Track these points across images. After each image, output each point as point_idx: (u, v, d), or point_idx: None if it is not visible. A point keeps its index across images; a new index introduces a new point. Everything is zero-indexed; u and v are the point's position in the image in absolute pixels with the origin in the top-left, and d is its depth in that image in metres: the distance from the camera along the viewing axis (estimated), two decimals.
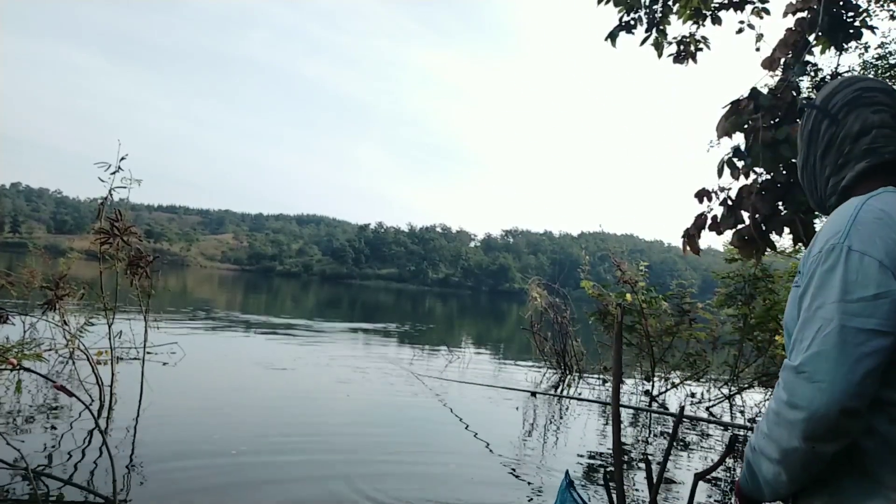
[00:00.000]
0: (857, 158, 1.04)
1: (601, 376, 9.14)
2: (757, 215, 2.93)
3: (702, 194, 3.07)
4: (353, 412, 5.55)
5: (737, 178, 3.04)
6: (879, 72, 8.98)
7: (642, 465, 4.33)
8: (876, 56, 8.98)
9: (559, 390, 8.04)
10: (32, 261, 7.17)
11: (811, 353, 0.84)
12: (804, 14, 3.13)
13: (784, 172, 2.97)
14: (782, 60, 3.14)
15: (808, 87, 5.87)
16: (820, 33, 3.07)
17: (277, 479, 3.41)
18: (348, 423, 5.07)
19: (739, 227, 2.93)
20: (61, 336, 5.76)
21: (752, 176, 3.04)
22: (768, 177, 3.00)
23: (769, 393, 7.40)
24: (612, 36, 4.50)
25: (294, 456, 3.94)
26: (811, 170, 1.14)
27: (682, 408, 2.09)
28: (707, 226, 3.04)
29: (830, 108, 1.11)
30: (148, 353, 5.26)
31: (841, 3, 3.10)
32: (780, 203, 2.98)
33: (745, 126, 2.92)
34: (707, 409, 7.34)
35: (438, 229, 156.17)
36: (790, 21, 3.20)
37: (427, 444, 4.73)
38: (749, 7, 4.29)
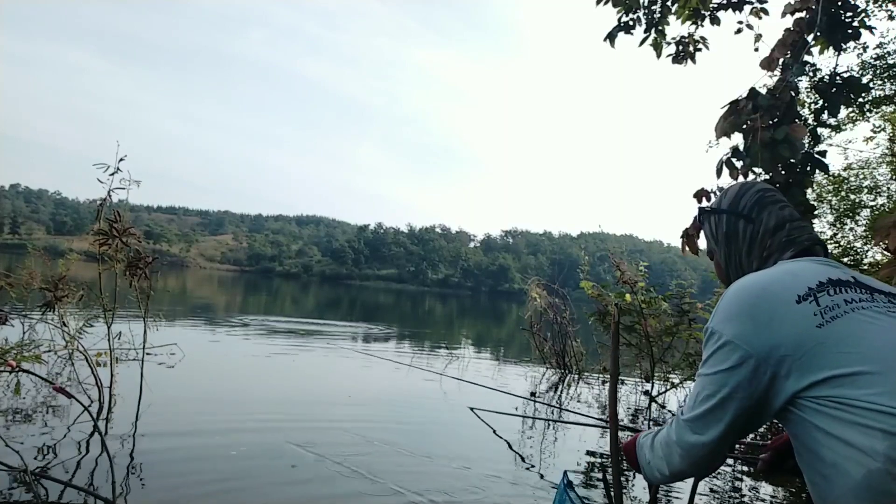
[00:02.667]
0: (780, 249, 1.19)
1: (601, 376, 9.14)
2: None
3: (701, 194, 3.07)
4: (355, 413, 5.54)
5: (735, 178, 3.04)
6: (878, 72, 8.98)
7: None
8: (874, 56, 8.99)
9: (559, 390, 8.04)
10: (32, 262, 7.16)
11: (694, 413, 1.07)
12: (803, 14, 3.13)
13: (783, 173, 2.97)
14: (781, 61, 3.14)
15: (806, 88, 5.86)
16: (818, 33, 3.07)
17: (278, 480, 3.41)
18: (350, 423, 5.07)
19: None
20: (60, 337, 5.76)
21: (751, 176, 3.04)
22: (767, 177, 3.00)
23: None
24: (611, 36, 4.51)
25: (295, 456, 3.93)
26: (737, 266, 1.27)
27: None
28: None
29: (742, 210, 1.25)
30: (147, 354, 5.26)
31: (839, 3, 3.10)
32: None
33: (744, 126, 2.93)
34: None
35: (438, 230, 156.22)
36: (789, 21, 3.20)
37: (427, 443, 4.72)
38: (748, 7, 4.30)
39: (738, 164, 3.01)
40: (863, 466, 0.85)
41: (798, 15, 3.17)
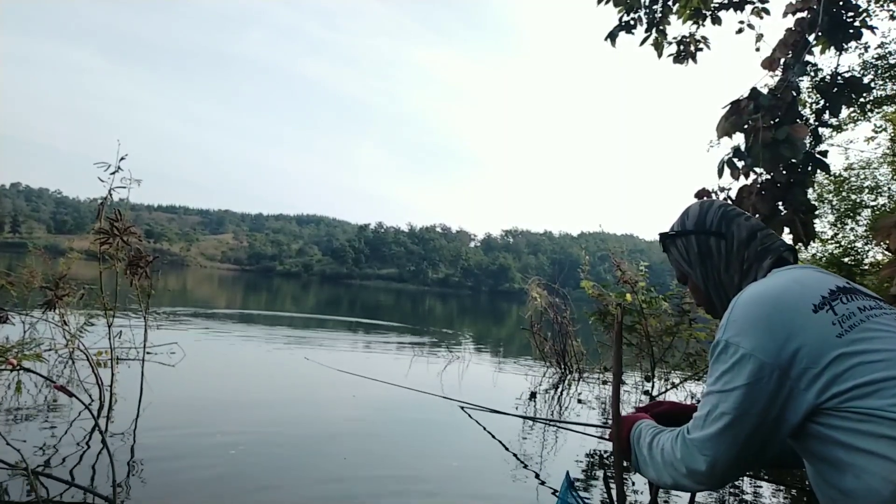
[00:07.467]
0: (757, 259, 1.16)
1: (601, 376, 9.13)
2: (757, 215, 2.93)
3: (702, 194, 3.07)
4: (358, 413, 5.54)
5: (737, 178, 3.04)
6: (879, 72, 8.98)
7: None
8: (876, 56, 8.99)
9: (559, 390, 8.04)
10: (32, 261, 7.15)
11: (703, 433, 0.99)
12: (804, 14, 3.13)
13: (784, 173, 2.97)
14: (782, 60, 3.14)
15: (807, 87, 5.86)
16: (820, 33, 3.07)
17: (278, 480, 3.41)
18: (352, 423, 5.07)
19: None
20: (61, 336, 5.76)
21: (752, 176, 3.04)
22: (768, 177, 3.00)
23: None
24: (612, 36, 4.51)
25: (296, 456, 3.94)
26: (717, 283, 1.22)
27: None
28: None
29: (710, 227, 1.21)
30: (148, 353, 5.26)
31: (841, 3, 3.10)
32: (779, 203, 2.99)
33: (746, 126, 2.92)
34: None
35: (438, 229, 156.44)
36: (790, 21, 3.20)
37: (428, 444, 4.73)
38: (749, 7, 4.30)
39: (740, 163, 3.01)
40: (891, 482, 0.82)
41: (799, 15, 3.17)
